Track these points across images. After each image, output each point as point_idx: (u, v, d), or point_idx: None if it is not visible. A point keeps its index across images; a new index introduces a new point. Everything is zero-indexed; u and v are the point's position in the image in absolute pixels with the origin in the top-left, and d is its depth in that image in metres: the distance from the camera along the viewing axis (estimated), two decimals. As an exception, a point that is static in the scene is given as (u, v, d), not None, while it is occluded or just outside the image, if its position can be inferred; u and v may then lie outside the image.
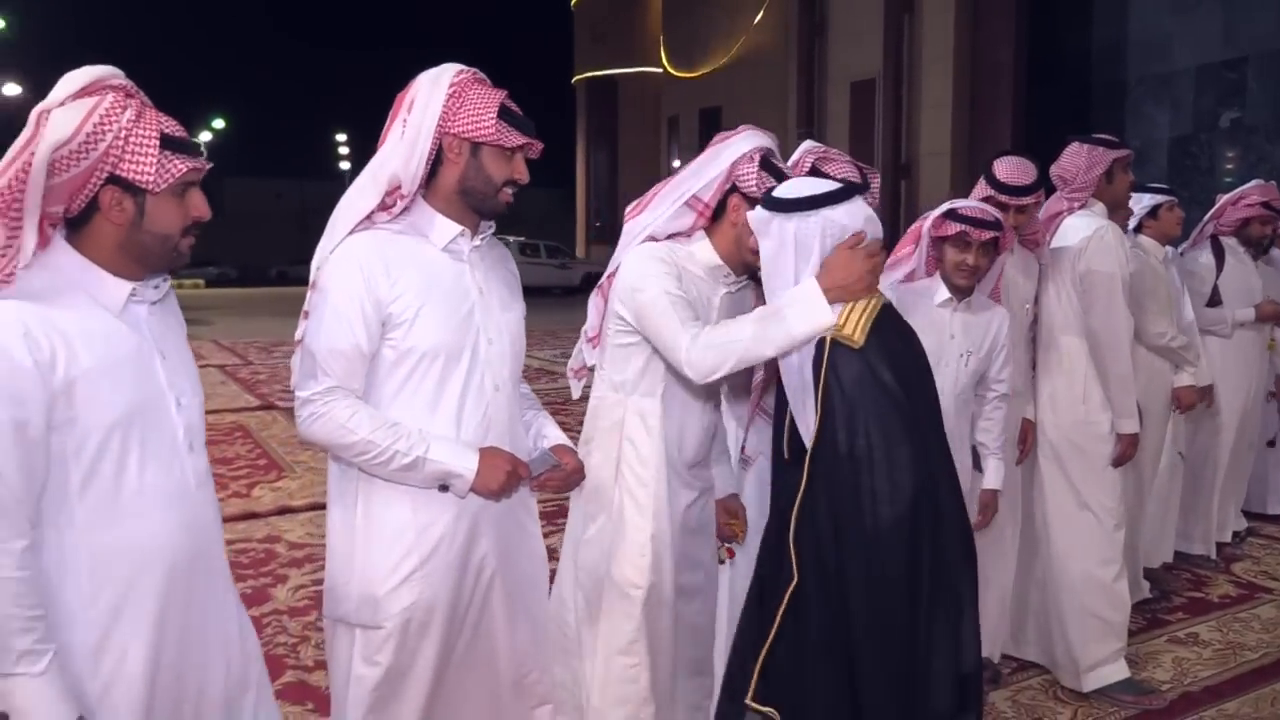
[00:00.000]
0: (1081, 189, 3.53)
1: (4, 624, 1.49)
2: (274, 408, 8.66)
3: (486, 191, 2.08)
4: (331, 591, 2.13)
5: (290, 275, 40.58)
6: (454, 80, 2.03)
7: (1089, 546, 3.43)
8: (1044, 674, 3.55)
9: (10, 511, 1.51)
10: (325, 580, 2.16)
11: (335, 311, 2.01)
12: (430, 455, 2.01)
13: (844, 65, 17.06)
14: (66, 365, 1.54)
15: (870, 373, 1.97)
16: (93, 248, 1.62)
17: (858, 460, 1.95)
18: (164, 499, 1.67)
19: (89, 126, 1.53)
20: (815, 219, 2.03)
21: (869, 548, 1.96)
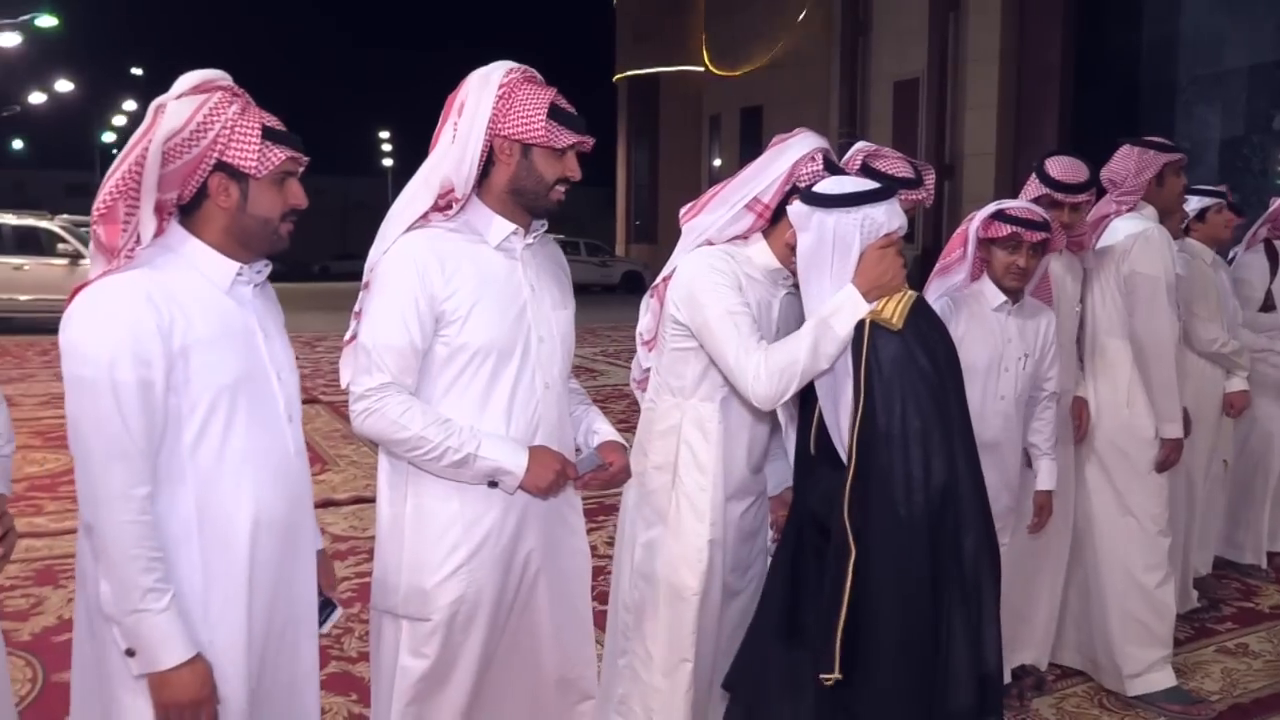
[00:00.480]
0: (1131, 192, 3.49)
1: (131, 564, 1.63)
2: (317, 401, 8.76)
3: (538, 191, 2.10)
4: (380, 583, 2.16)
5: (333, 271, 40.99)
6: (503, 80, 2.05)
7: (1132, 552, 3.39)
8: (1088, 681, 3.51)
9: (135, 461, 1.64)
10: (374, 572, 2.19)
11: (390, 308, 2.03)
12: (481, 452, 2.03)
13: (887, 64, 16.94)
14: (184, 332, 1.68)
15: (908, 354, 2.01)
16: (203, 230, 1.77)
17: (893, 441, 1.98)
18: (266, 462, 1.80)
19: (199, 117, 1.69)
20: (856, 215, 2.06)
21: (899, 535, 1.98)
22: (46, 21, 22.38)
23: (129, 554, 1.63)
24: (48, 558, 4.57)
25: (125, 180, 1.67)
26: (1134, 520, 3.40)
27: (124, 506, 1.63)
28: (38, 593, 4.14)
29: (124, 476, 1.64)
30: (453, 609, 2.09)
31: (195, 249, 1.76)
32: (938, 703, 2.01)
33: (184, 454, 1.71)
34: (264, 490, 1.78)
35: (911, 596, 1.98)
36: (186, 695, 1.67)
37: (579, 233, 27.41)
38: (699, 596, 2.30)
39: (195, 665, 1.68)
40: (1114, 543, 3.42)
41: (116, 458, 1.63)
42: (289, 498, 1.84)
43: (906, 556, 1.98)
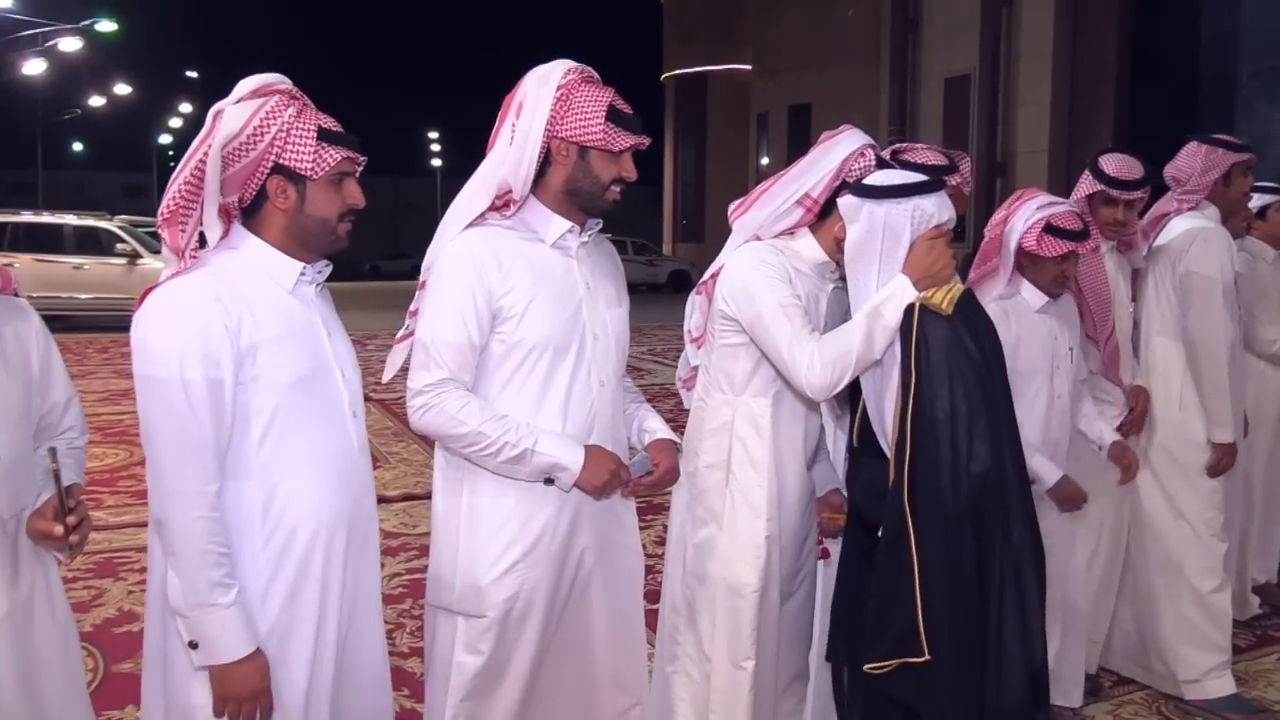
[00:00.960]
0: (1195, 191, 3.41)
1: (200, 559, 1.67)
2: (368, 399, 8.87)
3: (594, 191, 2.11)
4: (435, 579, 2.18)
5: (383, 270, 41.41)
6: (562, 81, 2.06)
7: (1185, 556, 3.33)
8: (1144, 689, 3.45)
9: (205, 458, 1.68)
10: (429, 568, 2.21)
11: (448, 304, 2.05)
12: (538, 448, 2.04)
13: (938, 61, 16.75)
14: (251, 331, 1.72)
15: (956, 339, 2.03)
16: (265, 232, 1.81)
17: (938, 425, 1.99)
18: (331, 458, 1.83)
19: (255, 121, 1.72)
20: (906, 206, 2.07)
21: (944, 521, 1.97)
22: (106, 27, 22.94)
23: (198, 549, 1.67)
24: (107, 551, 4.67)
25: (188, 185, 1.72)
26: (1187, 524, 3.33)
27: (195, 502, 1.67)
28: (99, 585, 4.24)
29: (195, 473, 1.68)
30: (507, 606, 2.11)
31: (259, 250, 1.80)
32: (990, 698, 1.99)
33: (251, 450, 1.74)
34: (328, 486, 1.81)
35: (957, 586, 1.97)
36: (246, 688, 1.71)
37: (626, 231, 27.45)
38: (758, 594, 2.28)
39: (255, 659, 1.72)
40: (1166, 547, 3.36)
41: (188, 454, 1.68)
42: (353, 493, 1.87)
43: (954, 543, 1.97)
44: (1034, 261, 2.83)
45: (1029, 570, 2.04)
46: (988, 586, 1.99)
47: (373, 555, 1.96)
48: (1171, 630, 3.34)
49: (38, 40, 22.92)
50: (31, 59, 23.34)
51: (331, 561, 1.82)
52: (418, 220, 57.01)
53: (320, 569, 1.81)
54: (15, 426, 1.68)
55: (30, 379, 1.77)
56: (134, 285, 13.60)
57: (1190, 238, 3.31)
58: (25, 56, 23.23)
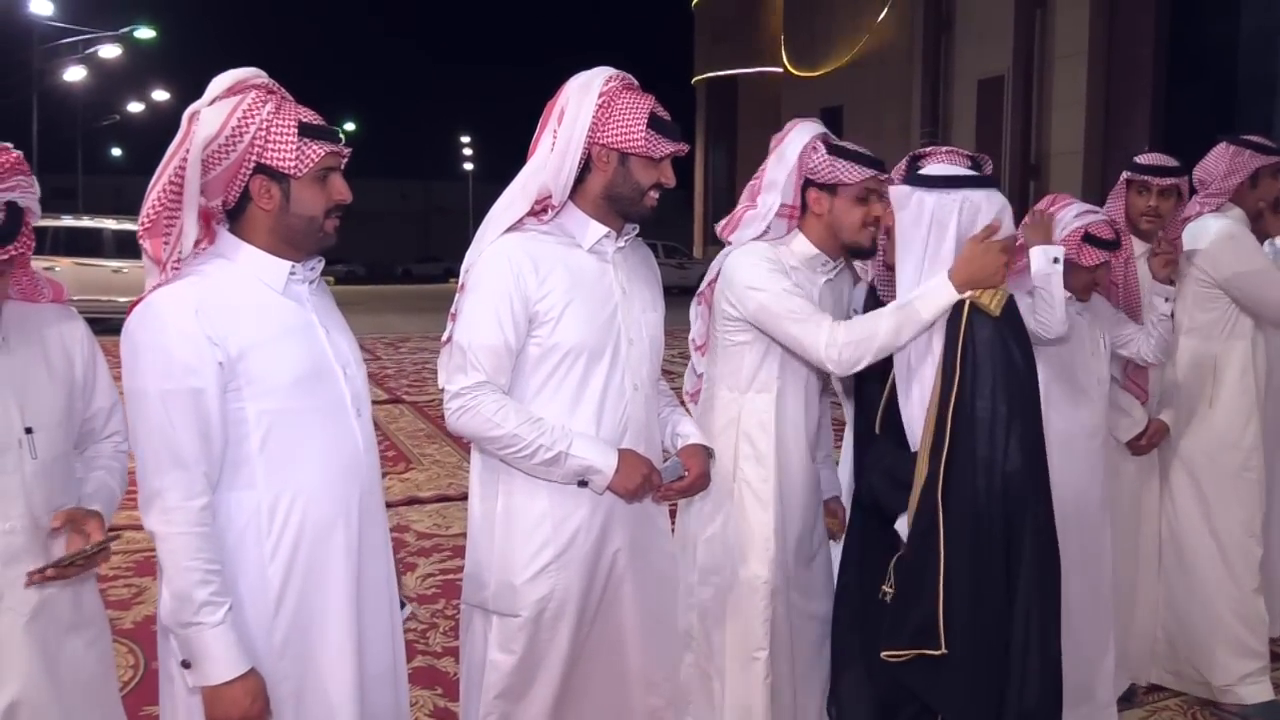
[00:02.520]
0: (1217, 194, 3.37)
1: (186, 576, 1.63)
2: (401, 401, 8.94)
3: (633, 197, 2.13)
4: (471, 579, 2.20)
5: (415, 273, 41.64)
6: (603, 89, 2.08)
7: (1221, 559, 3.29)
8: (1180, 694, 3.41)
9: (191, 472, 1.65)
10: (465, 567, 2.23)
11: (485, 308, 2.07)
12: (573, 451, 2.06)
13: (971, 62, 16.64)
14: (238, 338, 1.68)
15: (1001, 341, 2.03)
16: (251, 234, 1.76)
17: (978, 424, 2.00)
18: (336, 458, 1.80)
19: (234, 122, 1.67)
20: (955, 197, 2.09)
21: (976, 520, 1.98)
22: (145, 34, 23.27)
23: (183, 566, 1.63)
24: (147, 549, 4.73)
25: (167, 192, 1.68)
26: (1223, 527, 3.30)
27: (181, 518, 1.64)
28: (139, 583, 4.31)
29: (181, 488, 1.64)
30: (540, 605, 2.12)
31: (246, 253, 1.75)
32: (1012, 699, 2.00)
33: (252, 458, 1.71)
34: (335, 487, 1.79)
35: (985, 584, 1.98)
36: (237, 711, 1.66)
37: (657, 235, 27.44)
38: (769, 585, 2.35)
39: (247, 680, 1.67)
40: (1202, 550, 3.32)
41: (170, 468, 1.64)
42: (360, 492, 1.84)
43: (984, 542, 1.98)
44: (1069, 268, 2.82)
45: (1049, 580, 2.05)
46: (1014, 587, 1.99)
47: (382, 553, 1.93)
48: (1207, 634, 3.30)
49: (78, 47, 23.33)
50: (72, 66, 23.75)
51: (342, 562, 1.80)
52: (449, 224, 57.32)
53: (331, 570, 1.78)
54: (55, 429, 1.70)
55: (73, 385, 1.78)
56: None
57: (1217, 242, 3.27)
58: (66, 63, 23.64)
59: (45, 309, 1.70)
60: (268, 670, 1.72)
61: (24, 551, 1.61)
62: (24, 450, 1.61)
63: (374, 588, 1.89)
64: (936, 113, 17.26)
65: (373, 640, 1.88)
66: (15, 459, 1.60)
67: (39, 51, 22.75)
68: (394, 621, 1.95)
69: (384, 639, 1.92)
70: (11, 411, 1.60)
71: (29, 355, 1.65)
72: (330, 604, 1.79)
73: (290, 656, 1.75)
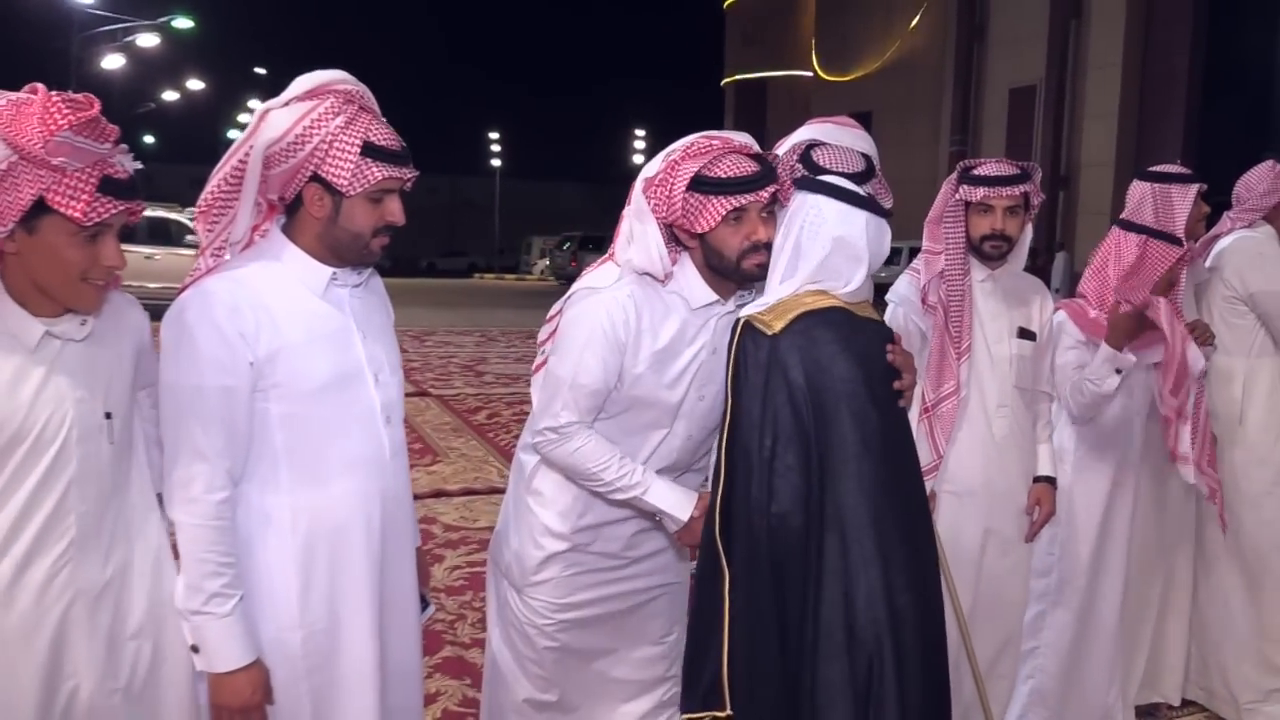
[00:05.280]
0: (1251, 210, 3.38)
1: (199, 567, 1.68)
2: (427, 395, 9.01)
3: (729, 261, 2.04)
4: (495, 548, 2.30)
5: (440, 268, 41.81)
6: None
7: (1249, 576, 3.31)
8: (1204, 711, 3.42)
9: (215, 465, 1.69)
10: (491, 542, 2.33)
11: (591, 351, 2.05)
12: (647, 497, 2.08)
13: (1003, 71, 16.63)
14: (271, 339, 1.71)
15: (779, 363, 1.81)
16: (299, 235, 1.80)
17: (749, 454, 1.80)
18: (362, 465, 1.82)
19: (299, 129, 1.70)
20: (810, 202, 1.92)
21: (748, 562, 1.81)
22: (183, 23, 23.53)
23: (198, 556, 1.68)
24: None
25: (226, 181, 1.73)
26: (1251, 543, 3.31)
27: (200, 510, 1.68)
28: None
29: (204, 480, 1.68)
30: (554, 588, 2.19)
31: (291, 254, 1.78)
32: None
33: (279, 458, 1.75)
34: (356, 491, 1.80)
35: (759, 638, 1.79)
36: (238, 700, 1.71)
37: (682, 235, 27.47)
38: None
39: (250, 671, 1.71)
40: (1230, 567, 3.34)
41: (196, 461, 1.68)
42: (384, 498, 1.85)
43: (757, 595, 1.79)
44: None
45: (886, 635, 1.75)
46: (795, 643, 1.77)
47: (407, 558, 1.95)
48: (1233, 651, 3.32)
49: (117, 36, 23.60)
50: (110, 54, 24.03)
51: (363, 565, 1.83)
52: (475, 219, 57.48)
53: (352, 574, 1.81)
54: (127, 414, 1.74)
55: (137, 371, 1.84)
56: (202, 276, 13.96)
57: (1242, 256, 3.29)
58: (104, 51, 23.92)
59: (114, 295, 1.76)
60: (286, 670, 1.77)
61: (97, 532, 1.67)
62: (103, 435, 1.67)
63: (398, 591, 1.92)
64: (967, 121, 17.24)
65: (395, 642, 1.91)
66: (96, 444, 1.66)
67: (78, 39, 23.04)
68: (415, 623, 2.00)
69: (406, 640, 1.96)
70: (97, 396, 1.66)
71: (107, 341, 1.71)
72: (351, 607, 1.82)
73: (310, 656, 1.79)
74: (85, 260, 1.58)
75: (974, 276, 2.75)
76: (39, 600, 1.61)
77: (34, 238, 1.54)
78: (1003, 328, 2.75)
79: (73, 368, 1.64)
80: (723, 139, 2.02)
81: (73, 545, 1.63)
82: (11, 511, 1.59)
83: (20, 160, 1.50)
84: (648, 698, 2.33)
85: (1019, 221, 2.72)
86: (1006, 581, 2.77)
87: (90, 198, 1.54)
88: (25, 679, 1.61)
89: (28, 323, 1.60)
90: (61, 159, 1.50)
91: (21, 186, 1.50)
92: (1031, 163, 2.78)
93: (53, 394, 1.61)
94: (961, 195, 2.71)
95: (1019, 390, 2.76)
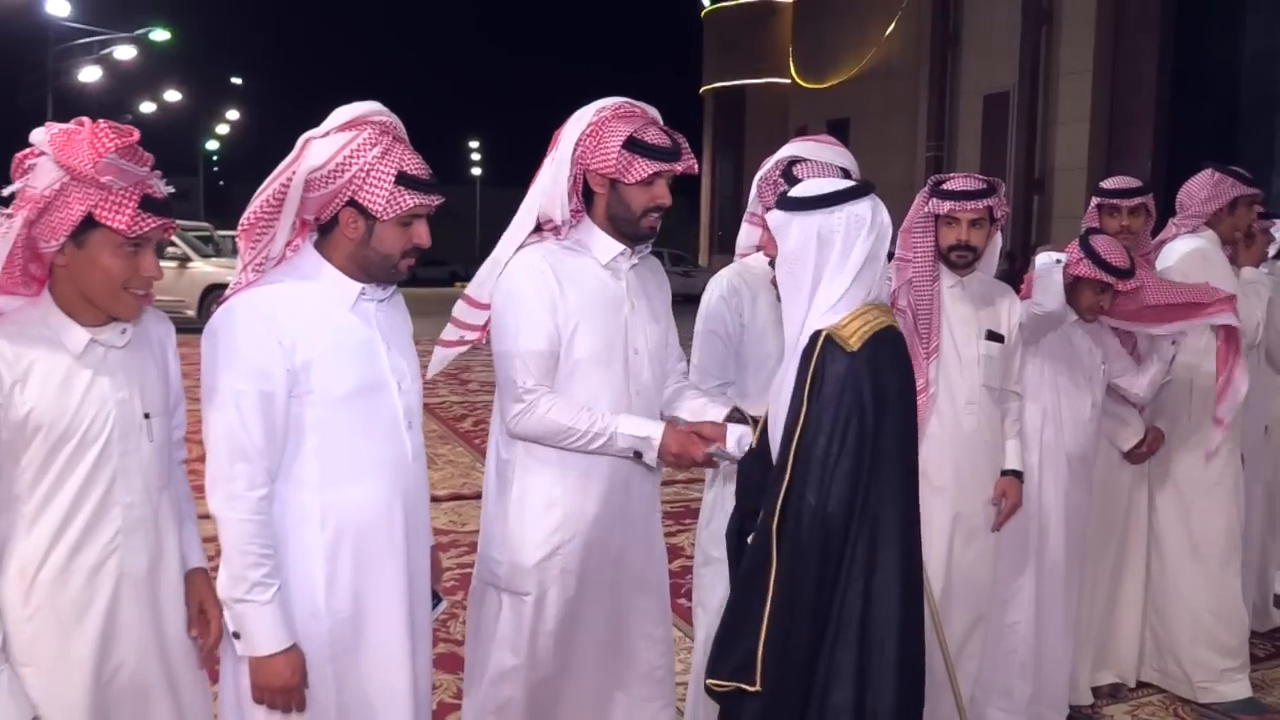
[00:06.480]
0: (1195, 217, 3.57)
1: (242, 558, 1.84)
2: (413, 403, 9.11)
3: (628, 219, 2.29)
4: (484, 559, 2.38)
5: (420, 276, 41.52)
6: (594, 119, 2.24)
7: (1200, 562, 3.48)
8: (1163, 691, 3.59)
9: (256, 465, 1.85)
10: (479, 549, 2.42)
11: (526, 317, 2.25)
12: (620, 429, 2.23)
13: (977, 77, 16.83)
14: (305, 347, 1.88)
15: (853, 378, 1.91)
16: (332, 253, 1.96)
17: (814, 463, 1.90)
18: (386, 467, 1.98)
19: (339, 158, 1.87)
20: (839, 215, 1.95)
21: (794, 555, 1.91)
22: (160, 35, 23.52)
23: (242, 548, 1.83)
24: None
25: (268, 203, 1.89)
26: (1202, 531, 3.47)
27: (243, 505, 1.83)
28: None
29: (246, 478, 1.84)
30: (546, 585, 2.30)
31: (323, 270, 1.94)
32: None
33: (308, 459, 1.90)
34: (382, 494, 1.96)
35: (796, 624, 1.90)
36: (279, 681, 1.85)
37: (663, 243, 27.49)
38: None
39: (289, 655, 1.86)
40: (1182, 552, 3.50)
41: (238, 461, 1.83)
42: (406, 499, 2.00)
43: (799, 580, 1.90)
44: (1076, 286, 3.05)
45: (890, 623, 1.91)
46: (823, 631, 1.91)
47: (423, 555, 2.10)
48: (1187, 632, 3.48)
49: (93, 48, 23.56)
50: (87, 66, 23.98)
51: (389, 562, 1.97)
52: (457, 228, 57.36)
53: (378, 569, 1.96)
54: (163, 415, 1.90)
55: (169, 378, 1.99)
56: (184, 287, 13.92)
57: (1189, 261, 3.46)
58: (81, 63, 23.87)
59: (146, 309, 1.90)
60: (312, 653, 1.91)
61: (140, 523, 1.82)
62: (143, 434, 1.82)
63: (415, 586, 2.06)
64: (942, 127, 17.43)
65: (419, 633, 2.06)
66: (137, 440, 1.81)
67: (54, 51, 22.99)
68: (429, 616, 2.14)
69: (424, 634, 2.10)
70: (135, 398, 1.81)
71: (143, 348, 1.86)
72: (379, 602, 1.96)
73: (336, 642, 1.93)
74: (127, 271, 1.74)
75: (944, 282, 2.93)
76: (89, 583, 1.76)
77: (82, 251, 1.71)
78: (971, 330, 2.93)
79: (114, 372, 1.79)
80: (642, 108, 2.28)
81: (119, 533, 1.79)
82: (63, 502, 1.74)
83: (72, 181, 1.66)
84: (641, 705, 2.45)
85: (984, 233, 2.91)
86: (974, 567, 2.93)
87: (134, 213, 1.70)
88: (78, 658, 1.76)
89: (75, 330, 1.76)
90: (109, 178, 1.66)
91: (72, 204, 1.67)
92: (995, 179, 2.96)
93: (97, 396, 1.76)
94: (931, 208, 2.88)
95: (987, 389, 2.93)
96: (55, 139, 1.67)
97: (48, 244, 1.69)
